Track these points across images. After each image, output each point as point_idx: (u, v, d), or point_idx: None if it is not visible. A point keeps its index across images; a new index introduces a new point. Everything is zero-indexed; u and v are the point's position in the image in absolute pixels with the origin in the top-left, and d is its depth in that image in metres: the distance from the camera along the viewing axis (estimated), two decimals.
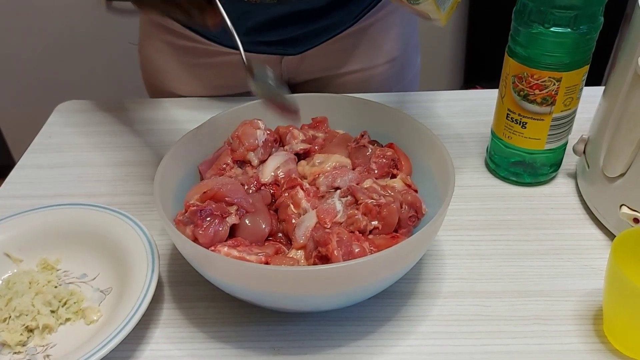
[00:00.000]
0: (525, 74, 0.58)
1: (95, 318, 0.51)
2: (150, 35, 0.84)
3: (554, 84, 0.57)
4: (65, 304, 0.52)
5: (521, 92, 0.59)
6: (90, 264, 0.56)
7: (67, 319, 0.51)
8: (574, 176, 0.67)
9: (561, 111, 0.60)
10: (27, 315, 0.50)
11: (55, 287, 0.54)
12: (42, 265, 0.56)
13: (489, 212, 0.62)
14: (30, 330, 0.50)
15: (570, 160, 0.67)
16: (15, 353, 0.49)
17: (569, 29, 0.55)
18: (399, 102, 0.80)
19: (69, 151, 0.74)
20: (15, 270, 0.55)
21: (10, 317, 0.50)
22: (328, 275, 0.44)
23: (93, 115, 0.81)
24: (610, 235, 0.59)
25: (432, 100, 0.81)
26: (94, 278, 0.55)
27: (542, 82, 0.57)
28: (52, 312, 0.51)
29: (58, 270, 0.56)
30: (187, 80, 0.83)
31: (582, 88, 0.60)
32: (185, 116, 0.79)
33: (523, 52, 0.58)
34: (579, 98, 0.60)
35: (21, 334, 0.49)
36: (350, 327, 0.51)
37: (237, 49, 0.52)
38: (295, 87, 0.86)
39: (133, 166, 0.71)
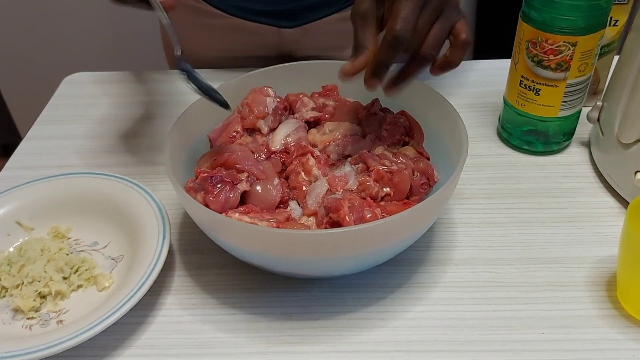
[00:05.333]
0: (539, 39, 0.57)
1: (107, 285, 0.51)
2: None
3: (569, 49, 0.56)
4: (77, 270, 0.52)
5: (535, 58, 0.58)
6: (101, 232, 0.56)
7: (79, 286, 0.52)
8: (587, 145, 0.66)
9: (576, 77, 0.59)
10: (39, 281, 0.51)
11: (67, 254, 0.54)
12: (53, 233, 0.56)
13: (501, 180, 0.62)
14: (43, 297, 0.51)
15: (583, 129, 0.67)
16: (28, 318, 0.49)
17: None
18: None
19: (77, 123, 0.74)
20: (26, 238, 0.56)
21: (23, 283, 0.51)
22: (340, 239, 0.43)
23: (101, 87, 0.80)
24: (624, 203, 0.58)
25: None
26: (105, 246, 0.55)
27: (556, 47, 0.56)
28: (64, 278, 0.52)
29: (69, 238, 0.56)
30: (198, 40, 0.82)
31: (597, 53, 0.58)
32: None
33: (538, 17, 0.56)
34: (594, 64, 0.59)
35: (34, 300, 0.50)
36: (362, 293, 0.51)
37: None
38: (297, 60, 0.85)
39: (142, 137, 0.70)
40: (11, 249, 0.55)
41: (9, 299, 0.50)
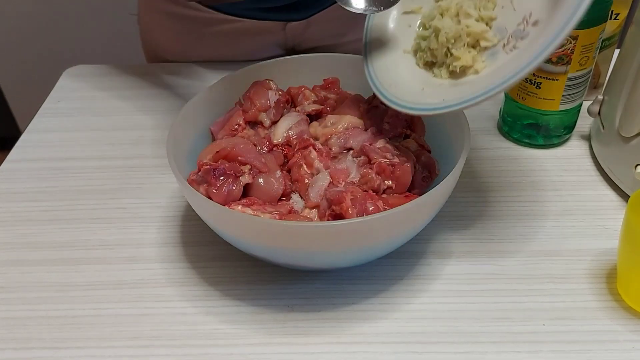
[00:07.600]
0: None
1: None
2: (150, 6, 0.82)
3: (570, 42, 0.56)
4: None
5: None
6: None
7: None
8: (587, 138, 0.66)
9: (576, 71, 0.59)
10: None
11: None
12: None
13: (501, 173, 0.62)
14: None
15: (583, 123, 0.67)
16: None
17: None
18: None
19: (78, 115, 0.74)
20: None
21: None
22: (343, 231, 0.44)
23: (101, 80, 0.80)
24: (625, 196, 0.58)
25: None
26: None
27: None
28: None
29: None
30: (188, 50, 0.82)
31: (598, 47, 0.59)
32: (196, 80, 0.79)
33: None
34: (594, 57, 0.59)
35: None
36: (364, 285, 0.51)
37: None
38: (300, 53, 0.85)
39: (144, 130, 0.70)
40: None
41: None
